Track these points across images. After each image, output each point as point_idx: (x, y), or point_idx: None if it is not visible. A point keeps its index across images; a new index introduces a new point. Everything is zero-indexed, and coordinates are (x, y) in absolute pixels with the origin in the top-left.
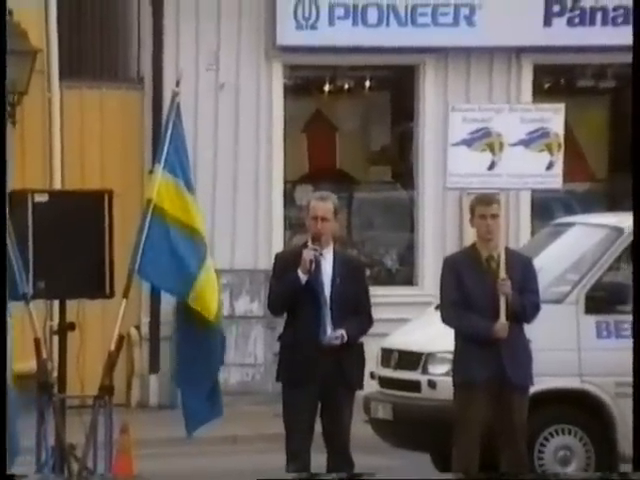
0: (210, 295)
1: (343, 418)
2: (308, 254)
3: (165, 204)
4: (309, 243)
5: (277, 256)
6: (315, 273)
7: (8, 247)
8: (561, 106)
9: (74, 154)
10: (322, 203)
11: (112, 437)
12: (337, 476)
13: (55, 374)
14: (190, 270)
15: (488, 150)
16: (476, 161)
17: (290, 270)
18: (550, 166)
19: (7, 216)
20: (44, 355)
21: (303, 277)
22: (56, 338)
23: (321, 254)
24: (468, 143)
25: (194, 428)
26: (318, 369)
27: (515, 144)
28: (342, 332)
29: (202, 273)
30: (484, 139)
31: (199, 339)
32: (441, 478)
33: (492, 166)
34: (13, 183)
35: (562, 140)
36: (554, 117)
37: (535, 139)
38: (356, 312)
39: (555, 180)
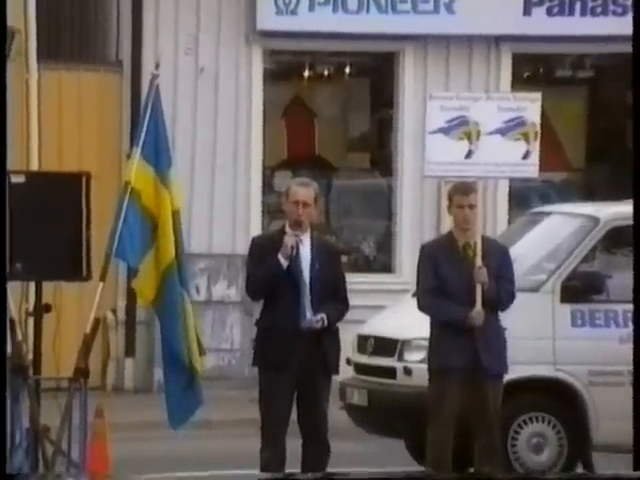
0: (147, 281)
1: (320, 403)
2: (290, 239)
3: (139, 189)
4: (287, 228)
5: (253, 241)
6: (294, 259)
7: None
8: (538, 95)
9: (52, 136)
10: (304, 189)
11: (87, 420)
12: (312, 476)
13: (30, 356)
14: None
15: (465, 138)
16: (453, 149)
17: (267, 255)
18: (526, 155)
19: None
20: (19, 337)
21: (284, 262)
22: (32, 320)
23: (300, 239)
24: (445, 131)
25: (176, 419)
26: (296, 354)
27: (492, 133)
28: (323, 316)
29: (146, 259)
30: (461, 127)
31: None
32: (414, 476)
33: (469, 154)
34: None
35: (538, 129)
36: (531, 106)
37: (511, 128)
38: (333, 297)
39: (531, 169)
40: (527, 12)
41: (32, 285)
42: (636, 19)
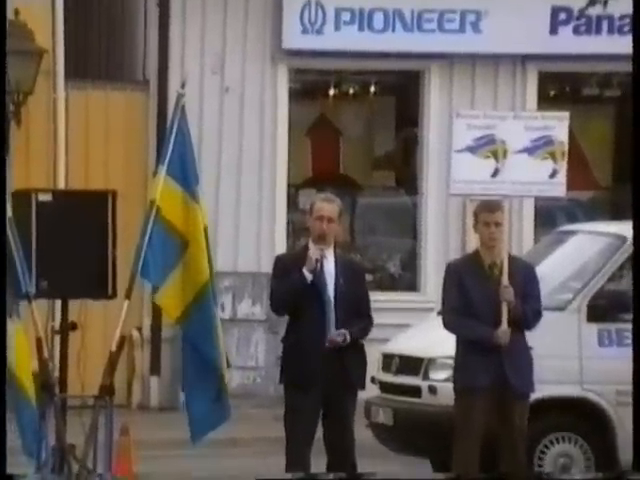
0: (173, 298)
1: (346, 421)
2: (314, 253)
3: (165, 207)
4: (310, 244)
5: (278, 258)
6: (318, 274)
7: (11, 246)
8: (565, 114)
9: (78, 154)
10: (328, 204)
11: (112, 438)
12: (336, 476)
13: (56, 374)
14: (165, 268)
15: (492, 157)
16: (480, 168)
17: (291, 271)
18: (554, 174)
19: (10, 215)
20: (46, 355)
21: (309, 275)
22: (57, 338)
23: (324, 254)
24: (472, 150)
25: (201, 434)
26: (321, 371)
27: (519, 151)
28: (345, 332)
29: (172, 276)
30: (488, 146)
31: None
32: (438, 477)
33: (496, 173)
34: (17, 182)
35: (566, 148)
36: (558, 125)
37: (539, 147)
38: (358, 314)
39: (559, 188)
40: (553, 31)
41: (58, 303)
42: (636, 37)
